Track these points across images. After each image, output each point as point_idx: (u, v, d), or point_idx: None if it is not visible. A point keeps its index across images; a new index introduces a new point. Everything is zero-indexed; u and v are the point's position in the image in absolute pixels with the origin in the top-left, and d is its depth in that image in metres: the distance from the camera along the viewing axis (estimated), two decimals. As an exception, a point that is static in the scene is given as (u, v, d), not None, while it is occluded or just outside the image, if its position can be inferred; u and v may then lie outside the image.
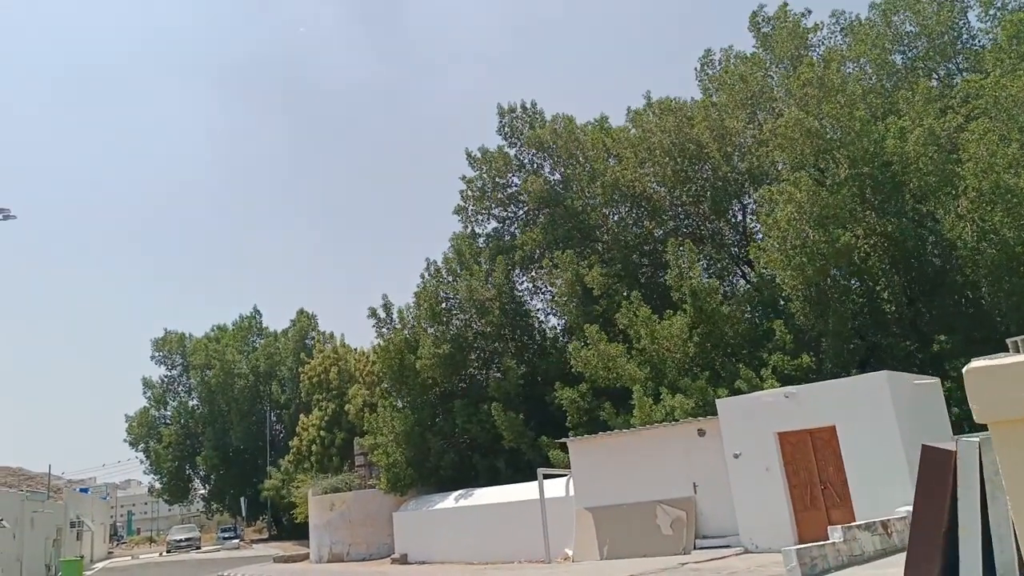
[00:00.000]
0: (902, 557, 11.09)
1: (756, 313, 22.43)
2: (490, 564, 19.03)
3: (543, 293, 27.06)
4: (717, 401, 15.76)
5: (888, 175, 20.43)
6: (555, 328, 27.15)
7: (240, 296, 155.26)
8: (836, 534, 10.67)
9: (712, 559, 13.74)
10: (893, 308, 21.63)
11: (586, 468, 17.75)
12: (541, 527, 18.02)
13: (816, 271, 19.00)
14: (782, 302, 21.93)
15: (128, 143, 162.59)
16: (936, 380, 15.06)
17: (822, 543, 10.42)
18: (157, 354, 54.54)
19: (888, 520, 11.71)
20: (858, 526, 11.02)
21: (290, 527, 45.67)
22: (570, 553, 17.64)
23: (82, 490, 59.18)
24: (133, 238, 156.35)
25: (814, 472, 14.03)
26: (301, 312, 50.96)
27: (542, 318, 27.30)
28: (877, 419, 13.12)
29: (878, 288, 21.81)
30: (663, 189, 25.56)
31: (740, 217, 26.22)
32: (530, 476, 22.04)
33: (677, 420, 17.46)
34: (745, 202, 25.49)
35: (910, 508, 12.48)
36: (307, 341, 48.34)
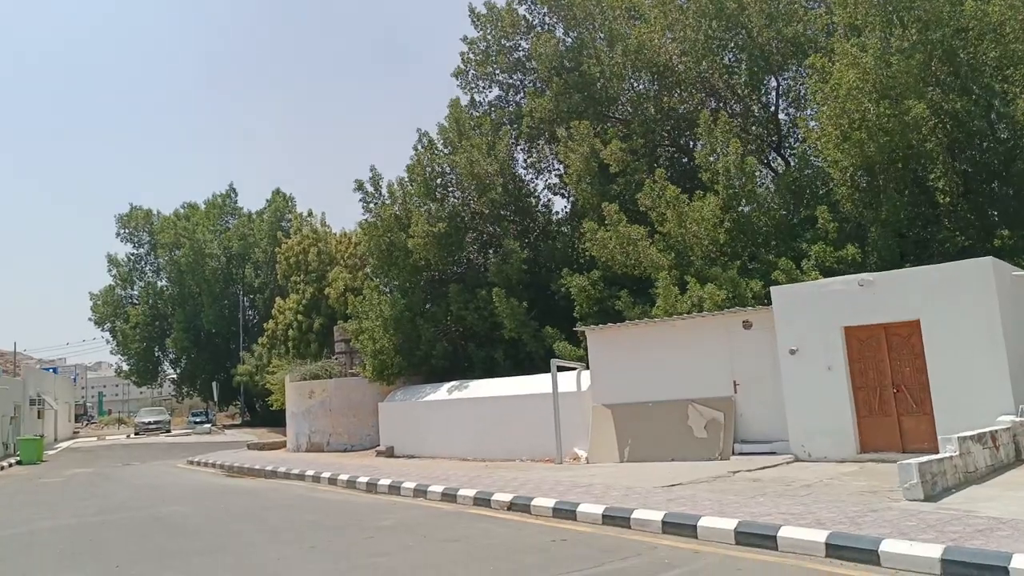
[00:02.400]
0: (1021, 474, 9.24)
1: (791, 201, 20.04)
2: (487, 462, 17.24)
3: (549, 172, 24.42)
4: (772, 288, 13.58)
5: (961, 43, 17.77)
6: (559, 212, 24.70)
7: (213, 173, 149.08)
8: (950, 446, 8.69)
9: (764, 467, 11.86)
10: (947, 199, 19.45)
11: (606, 361, 15.70)
12: (550, 424, 16.14)
13: (878, 149, 16.54)
14: (823, 188, 19.62)
15: (96, 9, 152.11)
16: (1031, 274, 12.93)
17: (940, 456, 8.43)
18: (123, 231, 51.38)
19: (996, 431, 9.77)
20: (971, 437, 9.05)
21: (264, 413, 44.27)
22: (580, 453, 15.82)
23: (52, 369, 57.22)
24: (99, 108, 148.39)
25: (886, 373, 12.03)
26: (277, 192, 47.97)
27: (545, 200, 24.76)
28: (977, 314, 11.03)
29: (932, 176, 19.53)
30: (689, 59, 22.60)
31: (773, 96, 23.45)
32: (530, 369, 20.17)
33: (704, 311, 15.38)
34: (782, 80, 22.62)
35: (1015, 418, 10.62)
36: (283, 224, 45.48)
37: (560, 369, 18.17)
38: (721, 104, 23.18)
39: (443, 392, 20.02)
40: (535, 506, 10.02)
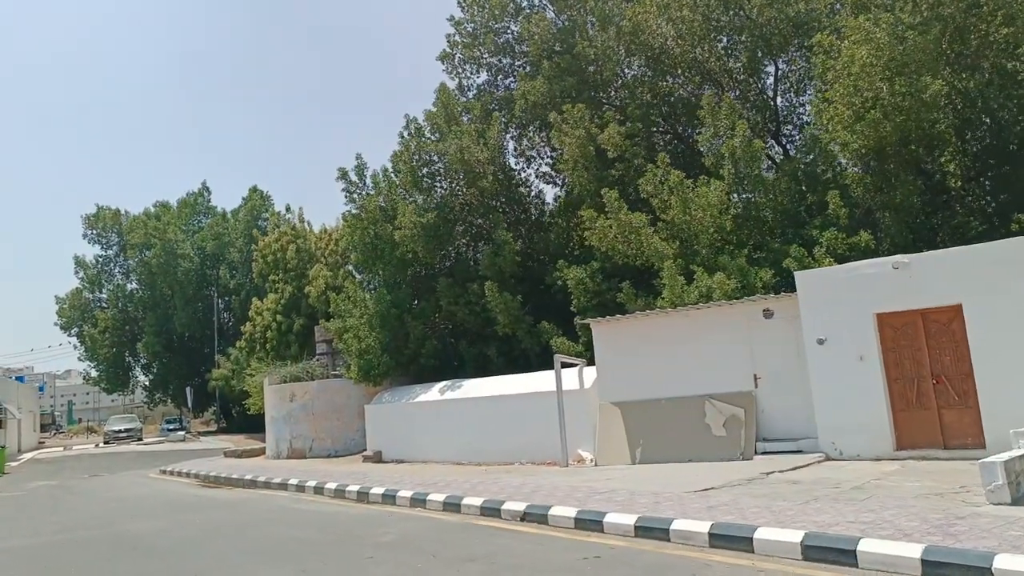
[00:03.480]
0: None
1: (795, 187, 19.16)
2: (484, 465, 16.15)
3: (541, 159, 23.34)
4: (796, 273, 12.62)
5: (973, 20, 17.03)
6: (550, 203, 23.54)
7: (186, 171, 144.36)
8: None
9: (796, 467, 10.87)
10: (958, 183, 18.72)
11: (613, 355, 14.67)
12: (551, 425, 15.08)
13: (895, 128, 15.68)
14: (830, 173, 18.81)
15: (67, 6, 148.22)
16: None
17: (1020, 453, 7.46)
18: (90, 232, 49.44)
19: (1062, 423, 8.86)
20: (1041, 431, 8.11)
21: (241, 419, 42.80)
22: (585, 455, 14.76)
23: (18, 378, 55.16)
24: (66, 107, 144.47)
25: (924, 363, 11.11)
26: (254, 190, 46.31)
27: (535, 190, 23.66)
28: (1027, 296, 10.14)
29: (943, 159, 18.77)
30: (685, 43, 21.65)
31: (771, 82, 22.57)
32: (525, 367, 19.18)
33: (715, 301, 14.40)
34: (781, 63, 21.72)
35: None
36: (260, 222, 43.94)
37: (565, 365, 17.17)
38: (717, 90, 22.33)
39: (435, 392, 18.87)
40: (554, 516, 8.93)
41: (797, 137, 22.77)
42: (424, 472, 15.72)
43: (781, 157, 21.70)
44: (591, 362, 16.16)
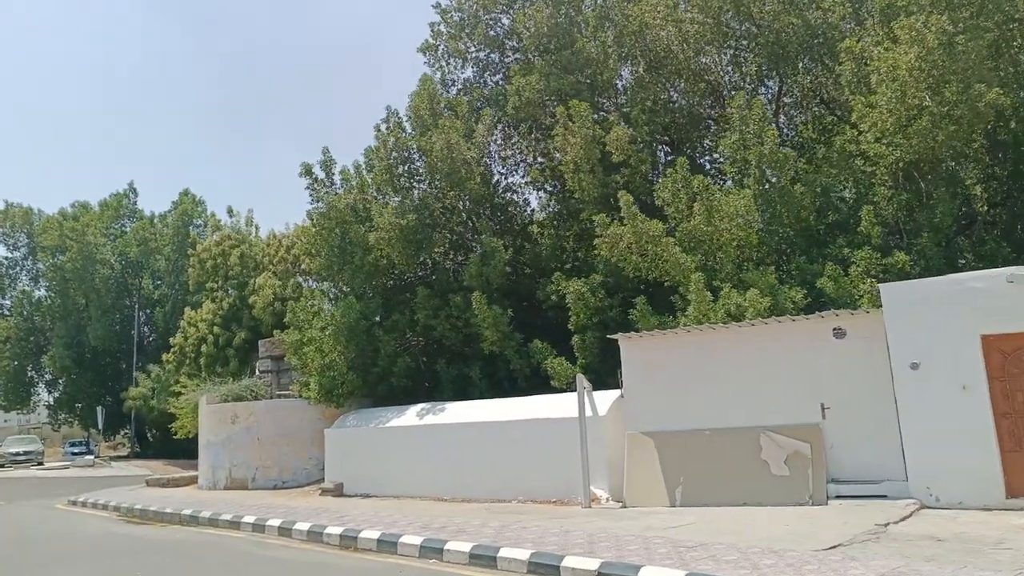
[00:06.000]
0: None
1: (816, 202, 17.73)
2: (475, 503, 13.79)
3: (527, 166, 21.31)
4: (882, 286, 10.86)
5: (1012, 34, 16.10)
6: (539, 212, 21.49)
7: (111, 170, 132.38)
8: None
9: (903, 518, 8.96)
10: (984, 208, 17.65)
11: (644, 377, 12.58)
12: (555, 456, 13.05)
13: (946, 138, 14.34)
14: (853, 190, 17.46)
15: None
16: None
17: None
18: (-5, 231, 44.65)
19: None
20: None
21: (159, 444, 38.91)
22: (600, 494, 12.57)
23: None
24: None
25: (1042, 394, 9.46)
26: (185, 193, 42.65)
27: (522, 197, 21.59)
28: None
29: (968, 181, 17.69)
30: (689, 48, 20.19)
31: (774, 93, 21.28)
32: (510, 390, 17.10)
33: (750, 320, 12.57)
34: (796, 74, 20.41)
35: None
36: (195, 227, 40.40)
37: (561, 390, 15.10)
38: (720, 102, 20.94)
39: (411, 416, 16.37)
40: (648, 580, 6.71)
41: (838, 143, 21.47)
42: (406, 509, 13.24)
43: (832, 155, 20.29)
44: (596, 386, 14.15)
